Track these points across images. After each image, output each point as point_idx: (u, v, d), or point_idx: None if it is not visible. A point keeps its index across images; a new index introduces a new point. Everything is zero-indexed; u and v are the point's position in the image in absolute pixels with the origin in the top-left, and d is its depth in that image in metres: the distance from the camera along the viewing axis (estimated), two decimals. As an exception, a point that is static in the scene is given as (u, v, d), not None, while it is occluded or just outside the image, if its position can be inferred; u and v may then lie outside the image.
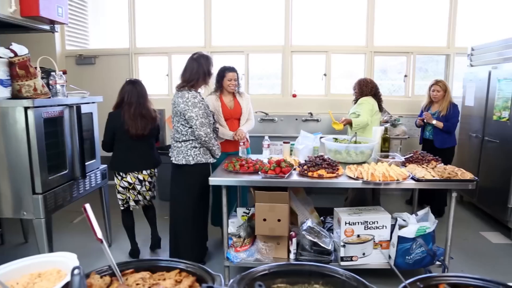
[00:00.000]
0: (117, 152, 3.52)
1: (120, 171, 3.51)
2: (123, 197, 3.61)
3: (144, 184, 3.61)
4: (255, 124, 4.30)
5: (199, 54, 3.28)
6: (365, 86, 4.21)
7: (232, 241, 3.24)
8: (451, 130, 4.51)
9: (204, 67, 3.22)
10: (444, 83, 4.62)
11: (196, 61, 3.22)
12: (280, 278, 1.20)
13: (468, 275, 1.14)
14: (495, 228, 4.44)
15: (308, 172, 2.93)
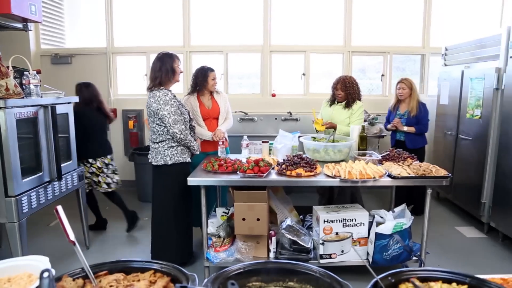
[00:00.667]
0: (86, 142, 3.95)
1: (91, 158, 4.02)
2: (88, 181, 4.08)
3: (109, 167, 4.19)
4: (234, 123, 4.30)
5: (163, 53, 3.31)
6: (357, 87, 4.00)
7: (212, 241, 3.23)
8: (423, 131, 4.51)
9: (167, 65, 3.24)
10: (409, 81, 4.55)
11: (160, 60, 3.26)
12: (255, 277, 1.21)
13: (437, 269, 1.17)
14: (469, 222, 4.57)
15: (287, 171, 2.95)
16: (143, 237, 4.05)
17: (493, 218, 4.12)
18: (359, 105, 3.95)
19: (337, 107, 3.96)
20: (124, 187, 5.85)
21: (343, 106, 3.94)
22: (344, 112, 3.91)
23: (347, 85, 3.89)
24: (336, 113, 3.93)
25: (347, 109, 3.93)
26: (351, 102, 3.92)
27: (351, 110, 3.91)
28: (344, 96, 3.92)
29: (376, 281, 1.08)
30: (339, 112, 3.93)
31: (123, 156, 5.89)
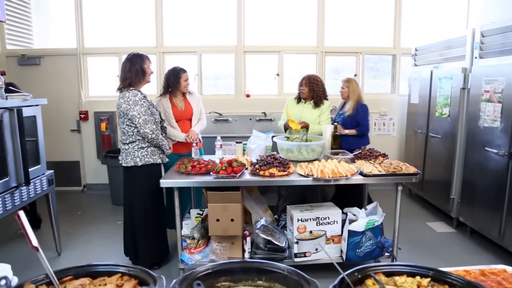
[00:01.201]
0: None
1: None
2: None
3: None
4: (209, 124, 4.29)
5: (133, 53, 3.28)
6: (322, 85, 4.04)
7: (186, 243, 3.21)
8: (365, 132, 4.34)
9: (137, 66, 3.22)
10: (350, 80, 4.43)
11: (129, 61, 3.23)
12: (223, 277, 1.20)
13: (402, 264, 1.20)
14: (440, 218, 4.70)
15: (260, 171, 2.96)
16: (117, 241, 3.97)
17: (462, 213, 4.26)
18: (327, 104, 4.02)
19: (306, 106, 3.99)
20: (97, 191, 5.78)
21: (312, 106, 3.98)
22: (314, 112, 3.97)
23: (311, 82, 3.95)
24: (306, 113, 3.97)
25: (316, 108, 3.97)
26: (318, 101, 3.97)
27: (321, 109, 3.96)
28: (307, 92, 3.96)
29: (342, 277, 1.10)
30: (309, 111, 3.97)
31: (96, 159, 5.78)
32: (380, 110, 5.89)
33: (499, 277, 1.47)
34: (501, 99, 3.58)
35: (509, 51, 3.61)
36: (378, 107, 5.89)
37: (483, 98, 3.83)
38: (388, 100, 5.96)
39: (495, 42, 3.83)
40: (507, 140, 3.49)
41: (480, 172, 3.90)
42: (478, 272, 1.53)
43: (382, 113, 5.89)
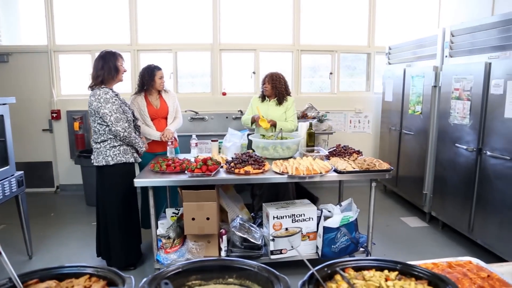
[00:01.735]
0: None
1: None
2: None
3: None
4: (185, 123, 4.25)
5: (106, 51, 3.23)
6: (284, 82, 4.03)
7: (162, 242, 3.18)
8: None
9: (110, 64, 3.16)
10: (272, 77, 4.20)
11: (102, 58, 3.17)
12: (194, 275, 1.19)
13: (371, 258, 1.22)
14: (413, 213, 4.81)
15: (235, 169, 2.95)
16: (92, 243, 3.89)
17: (434, 207, 4.37)
18: (291, 100, 4.05)
19: (271, 104, 4.00)
20: (71, 191, 5.65)
21: (276, 103, 3.99)
22: (279, 109, 3.97)
23: (274, 79, 3.95)
24: (271, 110, 3.97)
25: (280, 105, 3.98)
26: (281, 98, 3.98)
27: (285, 106, 3.98)
28: (270, 89, 3.96)
29: (312, 273, 1.10)
30: (274, 109, 3.97)
31: (69, 159, 5.64)
32: (356, 108, 5.97)
33: (465, 269, 1.51)
34: (469, 97, 3.68)
35: (477, 50, 3.72)
36: (354, 105, 5.97)
37: (453, 96, 3.94)
38: (363, 98, 6.05)
39: (464, 42, 3.94)
40: (476, 136, 3.59)
41: (451, 168, 4.01)
42: (446, 264, 1.57)
43: (358, 111, 5.98)
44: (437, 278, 1.09)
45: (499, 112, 3.31)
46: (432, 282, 1.09)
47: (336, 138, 5.41)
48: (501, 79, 3.30)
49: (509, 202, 3.21)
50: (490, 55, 3.53)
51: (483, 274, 1.47)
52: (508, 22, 3.33)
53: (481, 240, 3.58)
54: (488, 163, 3.46)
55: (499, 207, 3.34)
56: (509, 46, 3.33)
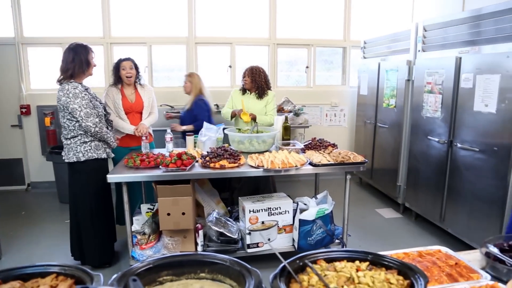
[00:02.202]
0: None
1: None
2: None
3: None
4: (160, 117, 4.18)
5: (76, 43, 3.13)
6: (264, 76, 4.02)
7: (137, 238, 3.13)
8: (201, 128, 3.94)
9: (82, 56, 3.08)
10: (192, 75, 4.36)
11: (73, 51, 3.08)
12: (165, 271, 1.18)
13: (342, 249, 1.23)
14: (388, 204, 4.90)
15: (210, 163, 2.93)
16: (65, 241, 3.79)
17: (407, 199, 4.46)
18: (272, 94, 4.05)
19: (251, 97, 3.98)
20: (43, 189, 5.49)
21: (256, 97, 3.98)
22: (259, 103, 3.97)
23: (253, 72, 3.94)
24: (252, 104, 3.96)
25: (261, 99, 3.98)
26: (261, 92, 3.98)
27: (266, 100, 3.99)
28: (250, 82, 3.95)
29: (284, 265, 1.10)
30: (254, 102, 3.97)
31: (41, 155, 5.48)
32: (332, 102, 6.02)
33: (434, 257, 1.55)
34: (441, 91, 3.77)
35: (449, 45, 3.79)
36: (330, 98, 6.02)
37: (426, 89, 4.02)
38: (339, 91, 6.11)
39: (436, 36, 4.02)
40: (447, 129, 3.68)
41: (423, 160, 4.10)
42: (416, 253, 1.61)
43: (333, 105, 6.03)
44: (406, 267, 1.10)
45: (469, 105, 3.40)
46: (402, 271, 1.10)
47: (312, 132, 5.44)
48: (470, 73, 3.38)
49: (478, 192, 3.31)
50: (460, 50, 3.61)
51: (451, 262, 1.51)
52: (477, 18, 3.41)
53: (452, 229, 3.69)
54: (459, 155, 3.55)
55: (468, 197, 3.44)
56: (478, 41, 3.41)
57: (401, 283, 1.06)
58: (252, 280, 1.04)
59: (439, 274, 1.43)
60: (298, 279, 1.08)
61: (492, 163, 3.17)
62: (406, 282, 1.06)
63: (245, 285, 1.03)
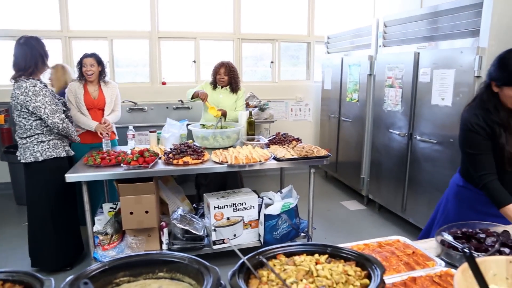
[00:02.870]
0: None
1: None
2: None
3: None
4: (123, 114, 4.08)
5: (26, 37, 2.96)
6: (237, 72, 4.00)
7: (99, 239, 3.04)
8: None
9: (39, 49, 2.94)
10: (55, 67, 4.14)
11: (27, 45, 2.91)
12: (122, 272, 1.14)
13: (301, 243, 1.23)
14: (352, 197, 5.01)
15: (174, 160, 2.88)
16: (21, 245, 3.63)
17: (371, 191, 4.57)
18: (243, 90, 4.02)
19: (223, 92, 3.94)
20: (-3, 190, 5.22)
21: (229, 91, 3.94)
22: (230, 98, 3.92)
23: (231, 70, 3.88)
24: (223, 99, 3.91)
25: (233, 94, 3.94)
26: (235, 88, 3.93)
27: (237, 95, 3.94)
28: (227, 80, 3.89)
29: (243, 261, 1.09)
30: (226, 97, 3.92)
31: (-5, 155, 5.21)
32: (296, 96, 6.07)
33: (393, 247, 1.59)
34: (401, 85, 3.87)
35: (408, 40, 3.90)
36: (295, 93, 6.07)
37: (387, 84, 4.12)
38: (303, 86, 6.16)
39: (396, 32, 4.12)
40: (407, 122, 3.79)
41: (385, 153, 4.21)
42: (376, 244, 1.64)
43: (298, 99, 6.08)
44: (364, 258, 1.12)
45: (427, 99, 3.51)
46: (360, 262, 1.12)
47: (278, 127, 5.46)
48: (428, 68, 3.49)
49: (436, 183, 3.44)
50: (418, 45, 3.72)
51: (409, 251, 1.55)
52: (434, 14, 3.53)
53: (413, 219, 3.82)
54: (418, 147, 3.67)
55: (427, 187, 3.56)
56: (435, 37, 3.52)
57: (359, 274, 1.08)
58: (210, 278, 1.02)
59: (397, 263, 1.47)
60: (257, 275, 1.07)
61: (448, 154, 3.30)
62: (364, 273, 1.08)
63: (203, 283, 1.02)
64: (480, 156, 1.83)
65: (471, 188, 1.98)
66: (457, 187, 2.10)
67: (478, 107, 1.85)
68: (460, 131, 1.92)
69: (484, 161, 1.83)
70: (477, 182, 1.86)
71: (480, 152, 1.83)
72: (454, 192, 2.13)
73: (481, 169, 1.83)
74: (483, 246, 1.56)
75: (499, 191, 1.80)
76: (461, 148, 1.95)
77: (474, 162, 1.87)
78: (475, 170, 1.86)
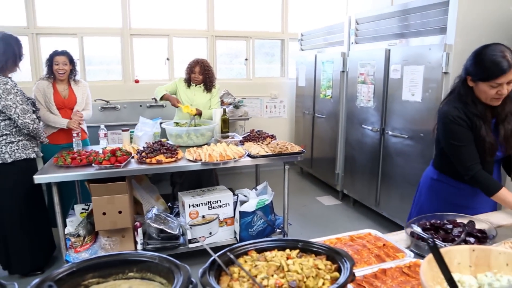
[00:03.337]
0: None
1: None
2: None
3: None
4: (95, 113, 3.99)
5: (4, 33, 2.88)
6: (212, 70, 3.96)
7: (71, 241, 2.97)
8: None
9: (14, 48, 2.86)
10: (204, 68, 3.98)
11: (3, 41, 2.82)
12: (91, 273, 1.12)
13: (273, 239, 1.24)
14: (327, 192, 5.07)
15: (147, 159, 2.84)
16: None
17: (345, 186, 4.64)
18: (217, 88, 3.99)
19: (197, 90, 3.90)
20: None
21: (203, 89, 3.90)
22: (205, 96, 3.89)
23: (206, 69, 3.83)
24: (197, 96, 3.87)
25: (207, 92, 3.91)
26: (210, 86, 3.89)
27: (212, 93, 3.92)
28: (202, 79, 3.85)
29: (213, 259, 1.09)
30: (200, 95, 3.88)
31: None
32: (271, 94, 6.09)
33: (364, 240, 1.62)
34: (373, 81, 3.94)
35: (379, 37, 3.97)
36: (269, 90, 6.08)
37: (359, 80, 4.18)
38: (278, 83, 6.18)
39: (368, 29, 4.19)
40: (379, 118, 3.87)
41: (359, 148, 4.28)
42: (348, 238, 1.67)
43: (273, 96, 6.10)
44: (334, 252, 1.13)
45: (398, 94, 3.59)
46: (330, 256, 1.13)
47: (253, 124, 5.46)
48: (398, 64, 3.57)
49: (408, 177, 3.52)
50: (389, 42, 3.79)
51: (380, 243, 1.58)
52: (404, 12, 3.60)
53: (386, 213, 3.90)
54: (390, 141, 3.75)
55: (400, 181, 3.65)
56: (406, 34, 3.60)
57: (329, 267, 1.09)
58: (181, 276, 1.01)
59: (368, 256, 1.50)
60: (228, 272, 1.07)
61: (419, 149, 3.38)
62: (334, 266, 1.09)
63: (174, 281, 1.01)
64: (465, 148, 1.85)
65: (445, 180, 2.01)
66: (431, 180, 2.13)
67: (456, 101, 1.87)
68: (441, 125, 1.92)
69: (469, 152, 1.84)
70: (464, 173, 1.87)
71: (465, 144, 1.84)
72: (427, 186, 2.16)
73: (468, 160, 1.84)
74: (450, 236, 1.62)
75: (488, 179, 1.82)
76: (444, 141, 1.94)
77: (459, 153, 1.87)
78: (461, 161, 1.87)
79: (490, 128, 1.85)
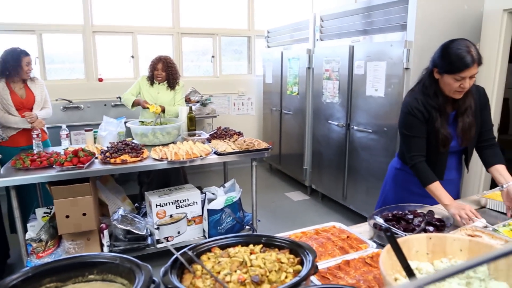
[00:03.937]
0: None
1: None
2: None
3: None
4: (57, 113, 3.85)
5: None
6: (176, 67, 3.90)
7: (32, 247, 2.86)
8: None
9: None
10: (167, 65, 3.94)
11: None
12: (48, 278, 1.08)
13: (236, 235, 1.24)
14: (296, 188, 5.12)
15: (111, 159, 2.77)
16: None
17: (313, 181, 4.71)
18: (181, 85, 3.94)
19: (161, 88, 3.84)
20: None
21: (167, 87, 3.85)
22: (169, 94, 3.83)
23: (169, 66, 3.78)
24: (161, 94, 3.81)
25: (170, 89, 3.85)
26: (173, 83, 3.84)
27: (175, 90, 3.86)
28: (165, 76, 3.79)
29: (176, 257, 1.08)
30: (164, 92, 3.82)
31: None
32: (239, 91, 6.08)
33: (329, 233, 1.65)
34: (338, 77, 4.01)
35: (343, 34, 4.04)
36: (237, 87, 6.07)
37: (324, 76, 4.24)
38: (245, 80, 6.18)
39: (332, 26, 4.25)
40: (344, 113, 3.94)
41: (325, 143, 4.34)
42: (313, 231, 1.70)
43: (241, 93, 6.10)
44: (297, 246, 1.15)
45: (362, 90, 3.67)
46: (293, 249, 1.15)
47: (221, 121, 5.44)
48: (362, 61, 3.64)
49: (372, 170, 3.61)
50: (353, 38, 3.86)
51: (344, 236, 1.61)
52: (368, 9, 3.67)
53: (353, 206, 3.98)
54: (355, 136, 3.83)
55: (365, 175, 3.73)
56: (369, 31, 3.68)
57: (292, 261, 1.10)
58: (142, 276, 1.00)
59: (332, 248, 1.53)
60: (191, 269, 1.06)
61: (383, 143, 3.47)
62: (297, 260, 1.11)
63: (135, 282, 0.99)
64: (414, 139, 1.95)
65: (407, 170, 2.09)
66: (395, 170, 2.23)
67: (419, 92, 1.96)
68: (400, 113, 2.01)
69: (417, 143, 1.95)
70: (408, 161, 1.98)
71: (414, 135, 1.95)
72: (392, 175, 2.27)
73: (413, 150, 1.96)
74: (411, 226, 1.67)
75: (425, 171, 1.92)
76: (399, 129, 2.05)
77: (408, 143, 1.98)
78: (407, 150, 1.98)
79: (446, 121, 1.93)
